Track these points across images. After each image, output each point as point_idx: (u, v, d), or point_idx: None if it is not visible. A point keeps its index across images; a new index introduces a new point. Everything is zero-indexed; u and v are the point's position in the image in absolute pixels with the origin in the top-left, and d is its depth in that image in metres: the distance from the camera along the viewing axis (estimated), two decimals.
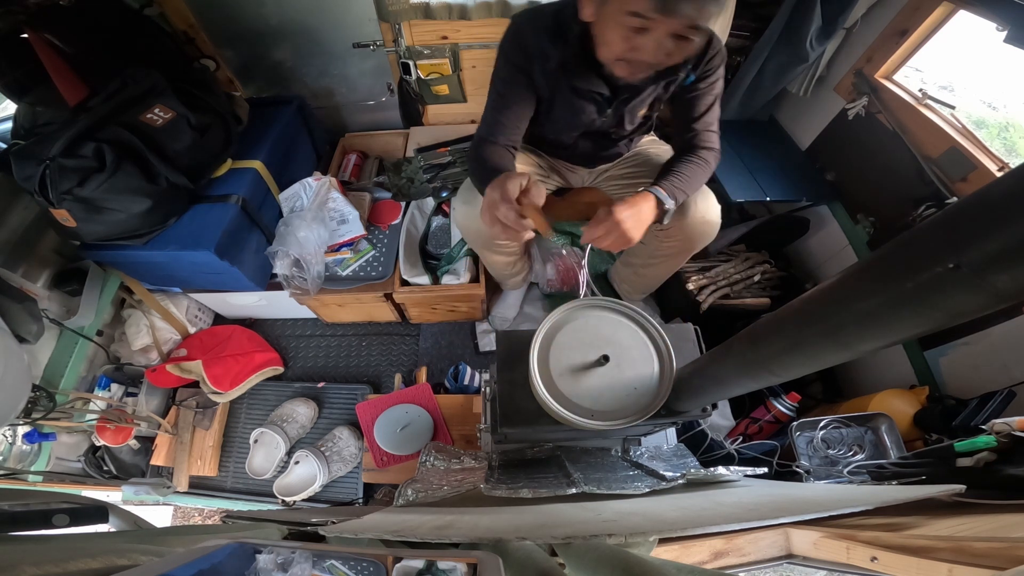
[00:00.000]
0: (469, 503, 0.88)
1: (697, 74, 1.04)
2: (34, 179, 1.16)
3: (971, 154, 1.19)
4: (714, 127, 1.12)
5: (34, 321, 1.25)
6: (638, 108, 1.11)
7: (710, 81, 1.06)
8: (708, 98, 1.08)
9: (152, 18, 1.53)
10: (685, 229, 1.18)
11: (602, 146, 1.26)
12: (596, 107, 1.09)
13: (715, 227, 1.20)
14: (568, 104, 1.08)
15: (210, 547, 0.35)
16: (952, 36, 1.27)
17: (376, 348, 1.83)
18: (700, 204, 1.16)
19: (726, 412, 1.42)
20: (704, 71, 1.04)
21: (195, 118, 1.34)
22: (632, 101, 1.08)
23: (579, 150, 1.26)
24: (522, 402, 0.80)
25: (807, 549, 0.70)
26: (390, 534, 0.49)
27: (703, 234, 1.20)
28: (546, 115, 1.13)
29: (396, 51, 1.68)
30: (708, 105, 1.08)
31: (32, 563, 0.36)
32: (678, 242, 1.24)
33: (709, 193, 1.18)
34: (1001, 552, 0.52)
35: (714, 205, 1.18)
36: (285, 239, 1.45)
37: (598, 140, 1.22)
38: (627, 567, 0.45)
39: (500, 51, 1.04)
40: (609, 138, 1.22)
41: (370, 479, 1.50)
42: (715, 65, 1.04)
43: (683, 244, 1.24)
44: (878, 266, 0.33)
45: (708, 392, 0.65)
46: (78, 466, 1.57)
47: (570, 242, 1.73)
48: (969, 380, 1.18)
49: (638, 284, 1.54)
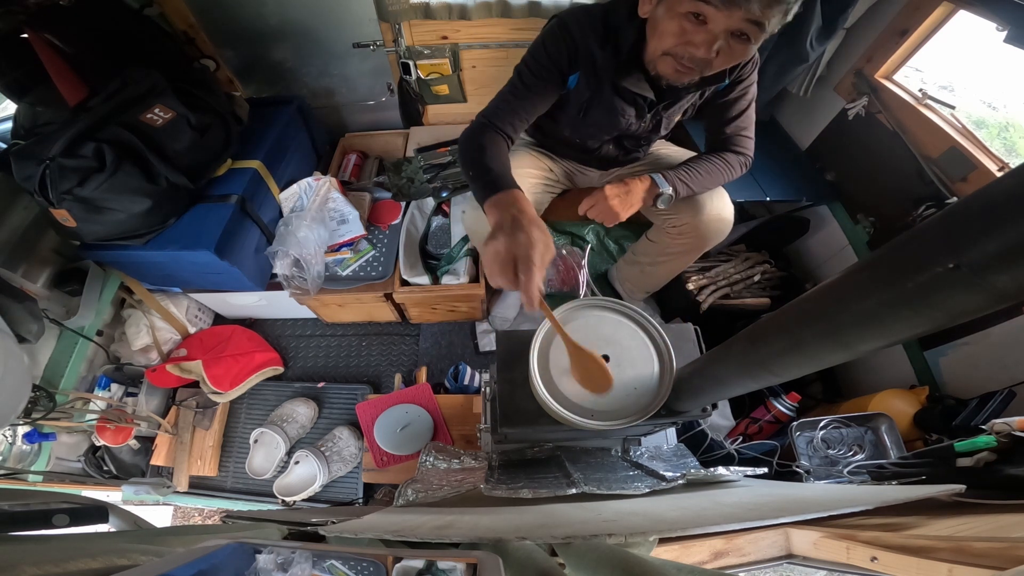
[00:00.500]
0: (469, 503, 0.88)
1: (731, 79, 1.02)
2: (34, 179, 1.16)
3: (971, 154, 1.19)
4: (747, 132, 1.11)
5: (34, 321, 1.25)
6: (675, 114, 1.11)
7: (744, 86, 1.04)
8: (741, 103, 1.06)
9: (152, 18, 1.53)
10: (699, 227, 1.19)
11: (626, 150, 1.25)
12: (636, 111, 1.07)
13: (728, 224, 1.20)
14: (608, 107, 1.06)
15: (210, 547, 0.35)
16: (952, 36, 1.27)
17: (376, 348, 1.83)
18: (716, 201, 1.17)
19: (726, 412, 1.42)
20: (738, 76, 1.02)
21: (195, 118, 1.34)
22: (673, 107, 1.07)
23: (602, 153, 1.24)
24: (522, 402, 0.80)
25: (807, 549, 0.69)
26: (390, 534, 0.49)
27: (717, 231, 1.20)
28: (582, 117, 1.11)
29: (396, 51, 1.68)
30: (741, 110, 1.07)
31: (32, 563, 0.36)
32: (690, 239, 1.24)
33: (723, 192, 1.19)
34: (1001, 552, 0.52)
35: (728, 203, 1.19)
36: (285, 239, 1.46)
37: (625, 144, 1.22)
38: (627, 567, 0.45)
39: (539, 43, 1.00)
40: (638, 143, 1.22)
41: (370, 479, 1.50)
42: (748, 71, 1.03)
43: (695, 242, 1.24)
44: (878, 266, 0.33)
45: (708, 392, 0.65)
46: (78, 466, 1.57)
47: (570, 242, 1.73)
48: (969, 380, 1.18)
49: (643, 283, 1.54)
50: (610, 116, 1.08)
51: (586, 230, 1.72)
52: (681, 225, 1.23)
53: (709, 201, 1.16)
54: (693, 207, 1.17)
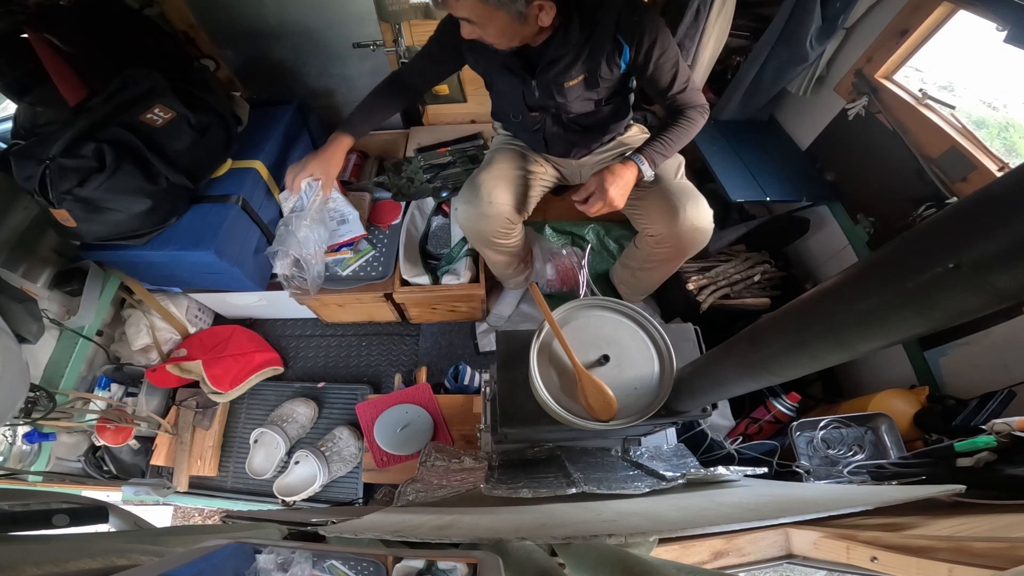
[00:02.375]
0: (469, 503, 0.88)
1: (633, 44, 1.06)
2: (34, 179, 1.16)
3: (971, 154, 1.19)
4: (690, 85, 1.15)
5: (34, 321, 1.25)
6: (563, 79, 1.12)
7: (657, 53, 1.07)
8: (666, 66, 1.10)
9: (152, 18, 1.53)
10: (675, 237, 1.21)
11: (570, 129, 1.27)
12: (520, 79, 1.16)
13: (706, 233, 1.22)
14: (501, 75, 1.19)
15: (210, 547, 0.35)
16: (952, 36, 1.27)
17: (376, 348, 1.83)
18: (690, 212, 1.17)
19: (726, 412, 1.42)
20: (638, 39, 1.05)
21: (195, 118, 1.34)
22: (552, 69, 1.10)
23: (548, 134, 1.29)
24: (522, 402, 0.80)
25: (807, 549, 0.70)
26: (390, 534, 0.49)
27: (693, 240, 1.22)
28: (492, 89, 1.28)
29: (396, 51, 1.68)
30: (673, 72, 1.11)
31: (32, 563, 0.36)
32: (670, 248, 1.27)
33: (701, 200, 1.20)
34: (1001, 552, 0.52)
35: (705, 212, 1.19)
36: (285, 239, 1.45)
37: (564, 121, 1.25)
38: (627, 567, 0.45)
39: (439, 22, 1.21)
40: (569, 120, 1.24)
41: (370, 479, 1.50)
42: (648, 29, 1.04)
43: (675, 250, 1.27)
44: (878, 266, 0.33)
45: (708, 392, 0.65)
46: (78, 466, 1.57)
47: (570, 242, 1.73)
48: (969, 380, 1.18)
49: (636, 286, 1.56)
50: (509, 85, 1.19)
51: (586, 230, 1.72)
52: (658, 235, 1.25)
53: (684, 212, 1.17)
54: (669, 217, 1.18)
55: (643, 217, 1.28)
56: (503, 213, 1.27)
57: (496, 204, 1.25)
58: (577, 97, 1.17)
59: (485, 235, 1.31)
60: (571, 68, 1.10)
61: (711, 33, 1.44)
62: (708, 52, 1.49)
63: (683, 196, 1.18)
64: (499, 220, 1.27)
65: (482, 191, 1.25)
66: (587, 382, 0.71)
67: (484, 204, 1.25)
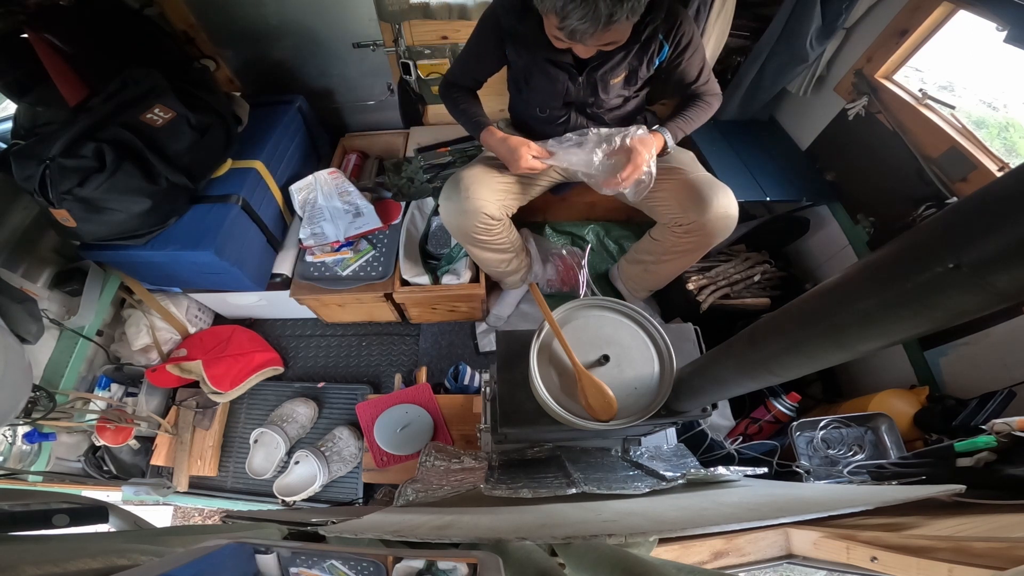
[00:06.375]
0: (469, 503, 0.88)
1: (671, 43, 1.14)
2: (34, 179, 1.16)
3: (971, 154, 1.19)
4: (711, 78, 1.25)
5: (34, 321, 1.25)
6: (609, 76, 1.17)
7: (691, 49, 1.16)
8: (695, 60, 1.19)
9: (152, 18, 1.53)
10: (706, 224, 1.22)
11: (595, 122, 1.29)
12: (567, 75, 1.18)
13: (734, 221, 1.23)
14: (543, 71, 1.19)
15: (210, 547, 0.35)
16: (952, 36, 1.27)
17: (376, 348, 1.83)
18: (722, 199, 1.20)
19: (726, 412, 1.42)
20: (677, 39, 1.13)
21: (195, 118, 1.34)
22: (602, 68, 1.15)
23: (571, 126, 1.30)
24: (522, 402, 0.80)
25: (807, 549, 0.70)
26: (390, 534, 0.49)
27: (724, 228, 1.24)
28: (526, 84, 1.25)
29: (396, 51, 1.68)
30: (699, 68, 1.21)
31: (32, 563, 0.36)
32: (697, 237, 1.27)
33: (728, 190, 1.22)
34: (1001, 552, 0.52)
35: (733, 201, 1.22)
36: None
37: (588, 112, 1.28)
38: (627, 567, 0.45)
39: (478, 22, 1.21)
40: (595, 113, 1.28)
41: (370, 479, 1.50)
42: (686, 30, 1.13)
43: (701, 239, 1.27)
44: (878, 266, 0.33)
45: (708, 392, 0.65)
46: (78, 466, 1.57)
47: (570, 242, 1.73)
48: (969, 380, 1.18)
49: (646, 281, 1.54)
50: (550, 81, 1.20)
51: (586, 230, 1.72)
52: (688, 223, 1.25)
53: (716, 199, 1.19)
54: (698, 205, 1.20)
55: (668, 207, 1.28)
56: (481, 208, 1.25)
57: (474, 200, 1.24)
58: (616, 94, 1.23)
59: (466, 231, 1.31)
60: (618, 66, 1.15)
61: (711, 33, 1.45)
62: (708, 52, 1.49)
63: (713, 185, 1.21)
64: (477, 216, 1.26)
65: (460, 187, 1.25)
66: (587, 382, 0.71)
67: (462, 200, 1.24)
